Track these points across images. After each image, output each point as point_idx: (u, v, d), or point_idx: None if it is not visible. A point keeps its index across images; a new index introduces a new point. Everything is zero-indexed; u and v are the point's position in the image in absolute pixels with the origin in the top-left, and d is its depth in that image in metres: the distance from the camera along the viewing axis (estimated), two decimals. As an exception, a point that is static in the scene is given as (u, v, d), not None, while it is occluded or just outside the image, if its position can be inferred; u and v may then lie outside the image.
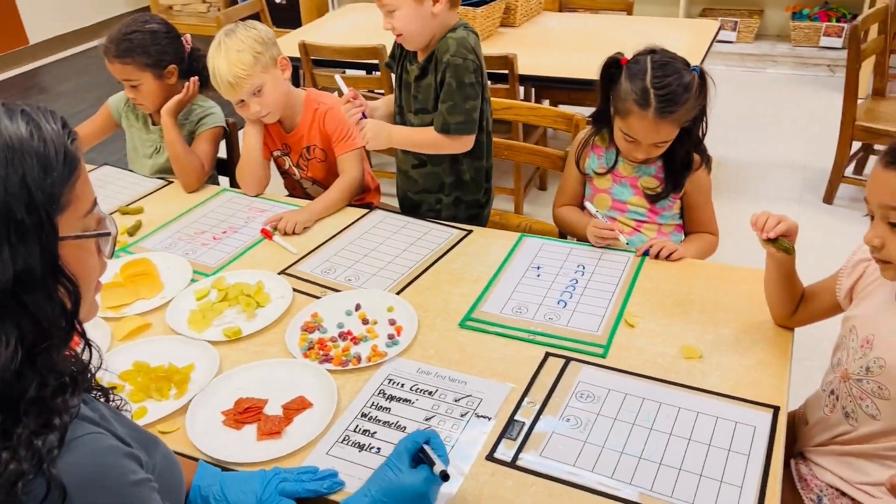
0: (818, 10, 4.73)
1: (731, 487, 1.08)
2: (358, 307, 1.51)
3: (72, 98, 4.88)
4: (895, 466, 1.18)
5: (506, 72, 2.68)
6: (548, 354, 1.36)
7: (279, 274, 1.64)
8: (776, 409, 1.20)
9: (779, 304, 1.38)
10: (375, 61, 2.88)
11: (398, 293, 1.56)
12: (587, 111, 2.09)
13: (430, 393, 1.27)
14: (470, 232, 1.78)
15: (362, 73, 3.88)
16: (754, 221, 1.30)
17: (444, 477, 0.99)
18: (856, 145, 3.17)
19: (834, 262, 1.37)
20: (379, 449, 1.17)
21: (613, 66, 1.68)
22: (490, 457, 1.15)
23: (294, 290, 1.57)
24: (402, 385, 1.30)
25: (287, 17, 5.47)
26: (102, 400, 0.90)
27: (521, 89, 3.03)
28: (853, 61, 2.90)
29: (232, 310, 1.53)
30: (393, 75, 1.96)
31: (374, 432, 1.20)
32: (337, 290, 1.57)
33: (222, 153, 2.29)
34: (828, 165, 3.23)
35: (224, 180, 2.31)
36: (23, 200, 0.71)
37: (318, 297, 1.55)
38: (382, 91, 2.85)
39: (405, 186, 2.01)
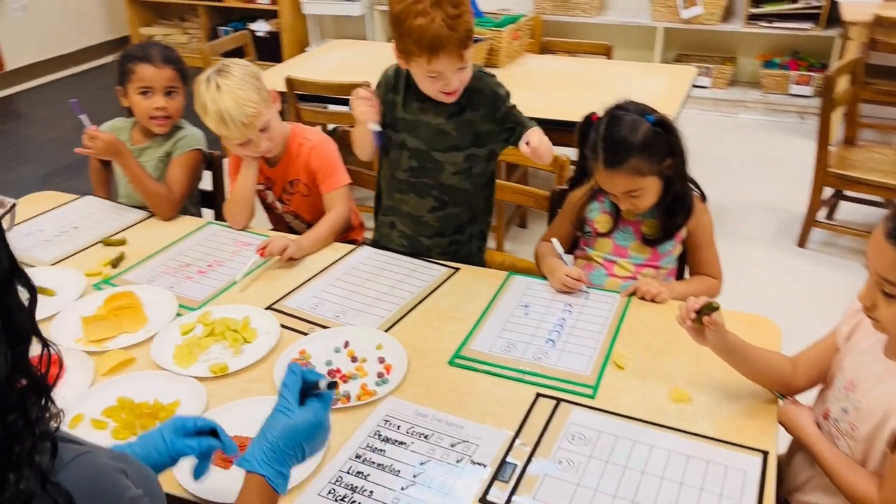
0: (788, 59, 4.88)
1: (724, 532, 1.08)
2: (347, 344, 1.50)
3: (45, 125, 4.82)
4: None
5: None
6: (538, 395, 1.36)
7: (266, 309, 1.63)
8: (765, 454, 1.21)
9: (757, 378, 1.36)
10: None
11: (387, 330, 1.55)
12: (569, 151, 2.12)
13: (425, 436, 1.26)
14: (457, 270, 1.79)
15: (346, 108, 3.91)
16: (679, 318, 1.32)
17: (332, 386, 1.07)
18: (828, 191, 3.25)
19: (807, 303, 1.38)
20: (371, 492, 1.15)
21: (587, 124, 1.70)
22: (483, 499, 1.14)
23: (282, 325, 1.56)
24: (399, 427, 1.28)
25: (268, 52, 5.47)
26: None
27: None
28: (826, 110, 2.99)
29: (218, 345, 1.51)
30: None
31: (368, 475, 1.18)
32: (325, 327, 1.56)
33: (207, 185, 2.28)
34: (800, 209, 3.31)
35: (208, 212, 2.29)
36: None
37: (305, 334, 1.54)
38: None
39: (413, 231, 1.94)
